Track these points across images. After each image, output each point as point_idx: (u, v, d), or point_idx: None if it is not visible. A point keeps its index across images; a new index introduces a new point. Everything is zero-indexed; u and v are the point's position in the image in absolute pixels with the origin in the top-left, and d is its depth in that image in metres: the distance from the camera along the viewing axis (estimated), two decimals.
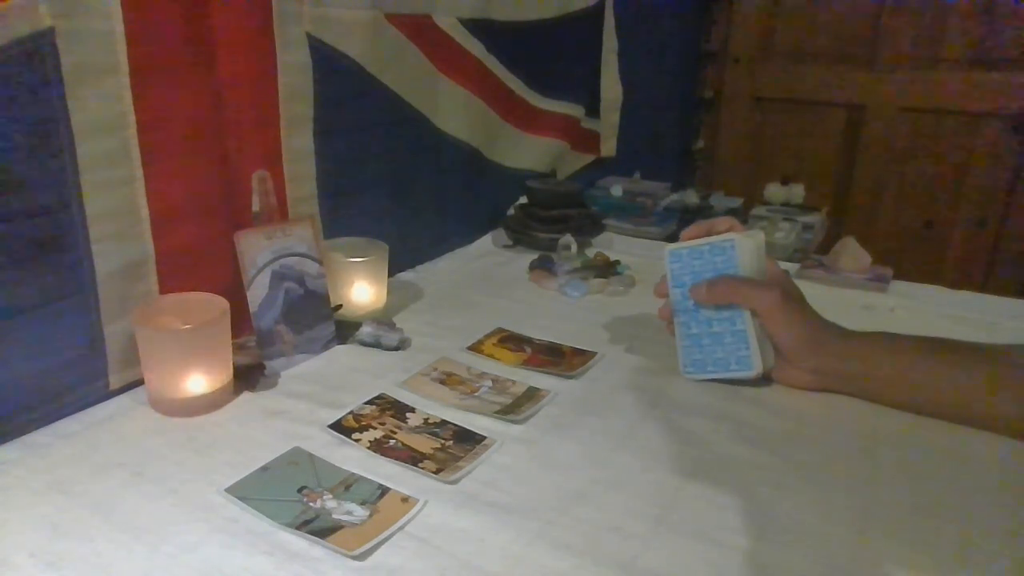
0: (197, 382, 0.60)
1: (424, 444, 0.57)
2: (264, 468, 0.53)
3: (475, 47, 1.00)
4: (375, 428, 0.58)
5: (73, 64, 0.54)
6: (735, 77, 2.07)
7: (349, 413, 0.61)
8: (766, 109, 2.06)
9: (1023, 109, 1.73)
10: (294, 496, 0.50)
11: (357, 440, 0.57)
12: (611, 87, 1.42)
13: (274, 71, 0.71)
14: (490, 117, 1.09)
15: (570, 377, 0.68)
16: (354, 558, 0.44)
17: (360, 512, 0.48)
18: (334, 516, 0.48)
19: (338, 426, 0.59)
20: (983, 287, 1.77)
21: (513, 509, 0.49)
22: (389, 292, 0.82)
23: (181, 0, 0.60)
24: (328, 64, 0.76)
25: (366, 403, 0.62)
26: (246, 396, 0.64)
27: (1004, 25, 1.72)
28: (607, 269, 0.96)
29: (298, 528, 0.46)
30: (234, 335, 0.63)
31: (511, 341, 0.75)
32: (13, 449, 0.54)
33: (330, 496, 0.50)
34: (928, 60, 1.81)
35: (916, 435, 0.59)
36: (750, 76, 2.05)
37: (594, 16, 1.33)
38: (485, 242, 1.12)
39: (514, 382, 0.67)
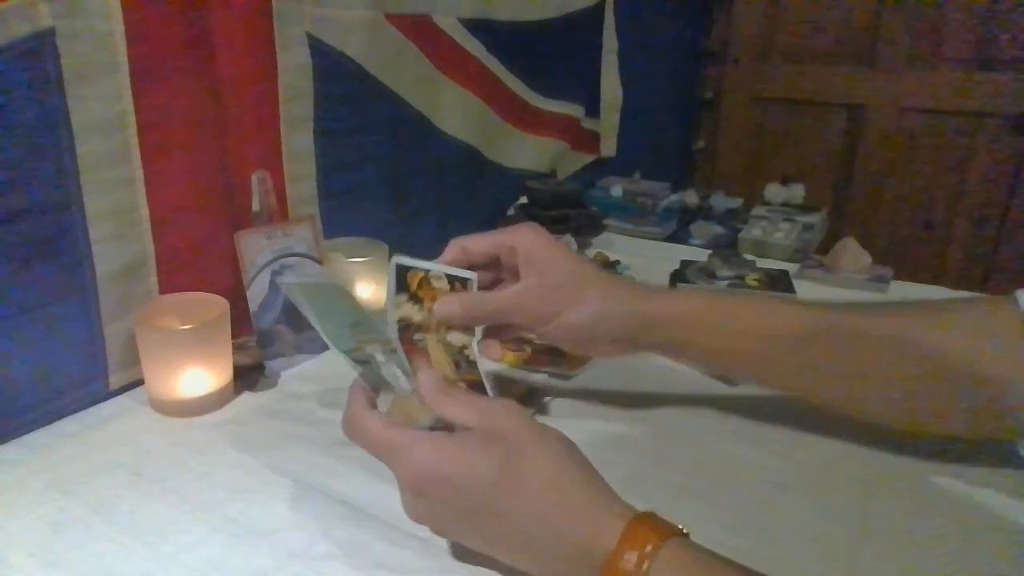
0: (197, 382, 0.60)
1: (442, 366, 0.50)
2: (323, 283, 0.49)
3: (475, 47, 1.00)
4: (423, 309, 0.51)
5: (73, 64, 0.54)
6: (735, 77, 2.07)
7: (425, 271, 0.52)
8: (766, 109, 2.06)
9: (1023, 109, 1.73)
10: (348, 328, 0.47)
11: (399, 305, 0.50)
12: (611, 87, 1.42)
13: (274, 71, 0.71)
14: (490, 117, 1.09)
15: (570, 377, 0.68)
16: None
17: (404, 383, 0.46)
18: (382, 372, 0.46)
19: (402, 275, 0.51)
20: (983, 287, 1.78)
21: None
22: None
23: (181, 0, 0.60)
24: (328, 64, 0.76)
25: (449, 275, 0.53)
26: (246, 396, 0.64)
27: (1004, 25, 1.71)
28: (607, 269, 0.96)
29: (354, 364, 0.44)
30: (234, 335, 0.63)
31: (511, 341, 0.75)
32: (13, 449, 0.54)
33: (379, 348, 0.47)
34: (928, 60, 1.81)
35: (918, 437, 0.59)
36: (750, 76, 2.05)
37: (594, 16, 1.33)
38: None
39: (514, 380, 0.66)
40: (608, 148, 1.47)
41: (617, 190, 1.33)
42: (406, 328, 0.50)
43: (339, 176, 0.82)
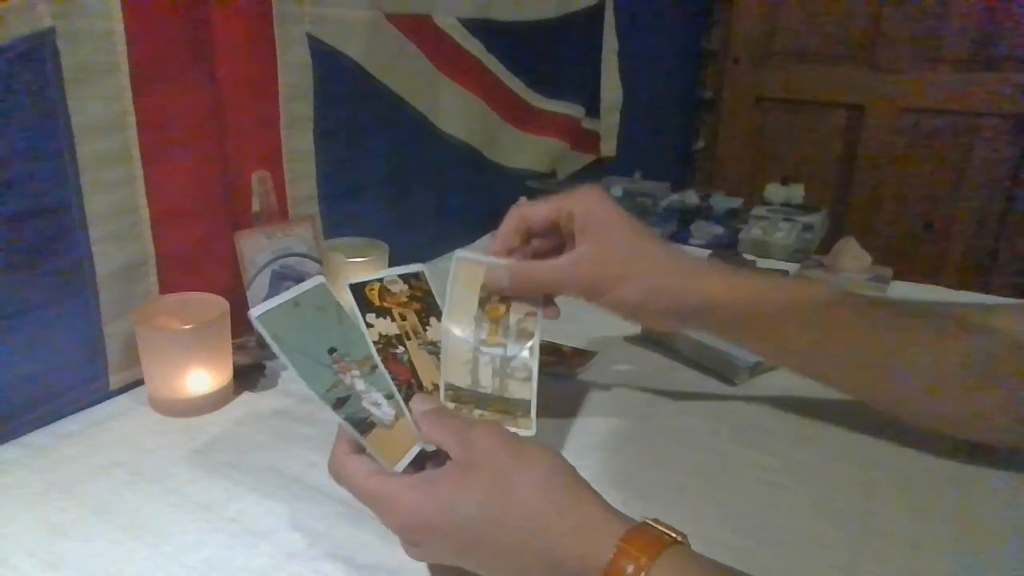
0: (197, 382, 0.60)
1: (430, 374, 0.49)
2: (295, 302, 0.46)
3: (475, 47, 1.00)
4: (393, 319, 0.50)
5: (73, 64, 0.54)
6: (735, 77, 2.07)
7: (379, 280, 0.51)
8: (766, 109, 2.06)
9: (1023, 109, 1.73)
10: (325, 358, 0.45)
11: (371, 326, 0.48)
12: (611, 87, 1.42)
13: (274, 71, 0.71)
14: (490, 117, 1.09)
15: (570, 377, 0.68)
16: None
17: (387, 409, 0.45)
18: (363, 403, 0.45)
19: (359, 292, 0.49)
20: (983, 287, 1.78)
21: None
22: None
23: (181, 0, 0.60)
24: (328, 64, 0.76)
25: (401, 275, 0.53)
26: (246, 396, 0.64)
27: (1004, 25, 1.71)
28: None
29: (334, 407, 0.43)
30: (234, 335, 0.63)
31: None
32: (13, 449, 0.54)
33: (358, 373, 0.46)
34: (928, 60, 1.81)
35: (918, 436, 0.59)
36: (750, 76, 2.05)
37: (594, 16, 1.33)
38: (485, 242, 1.12)
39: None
40: (608, 148, 1.47)
41: (617, 190, 1.33)
42: (386, 346, 0.48)
43: (339, 176, 0.82)
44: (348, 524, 0.47)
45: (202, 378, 0.60)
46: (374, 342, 0.48)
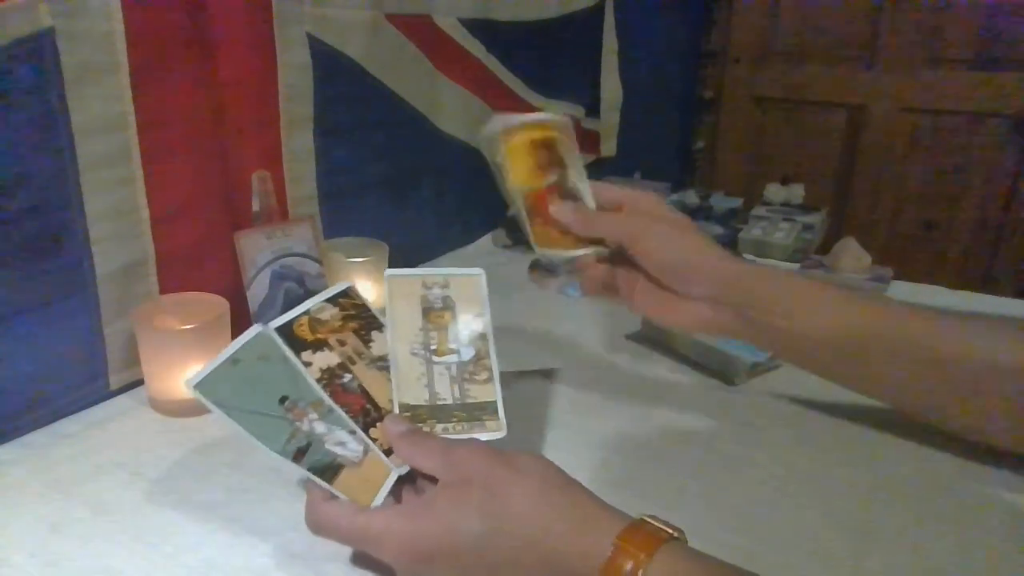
0: None
1: (385, 391, 0.48)
2: (233, 360, 0.44)
3: (475, 47, 1.00)
4: (331, 348, 0.48)
5: (73, 64, 0.54)
6: (735, 77, 2.07)
7: (305, 314, 0.49)
8: (766, 109, 2.06)
9: (1023, 109, 1.73)
10: (276, 410, 0.43)
11: (308, 364, 0.47)
12: (611, 87, 1.42)
13: (274, 71, 0.71)
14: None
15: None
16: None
17: (354, 446, 0.44)
18: (327, 446, 0.43)
19: (288, 332, 0.47)
20: (983, 287, 1.78)
21: None
22: None
23: (181, 0, 0.60)
24: (328, 64, 0.76)
25: (329, 299, 0.51)
26: None
27: (1004, 25, 1.71)
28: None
29: (295, 460, 0.42)
30: (234, 335, 0.63)
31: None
32: (13, 449, 0.54)
33: (316, 416, 0.44)
34: (928, 60, 1.81)
35: (919, 437, 0.59)
36: (750, 76, 2.05)
37: (594, 16, 1.33)
38: (485, 242, 1.12)
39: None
40: (608, 148, 1.47)
41: None
42: (331, 378, 0.47)
43: (339, 176, 0.82)
44: None
45: None
46: (318, 379, 0.46)
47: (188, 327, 0.60)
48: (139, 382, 0.63)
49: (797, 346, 0.54)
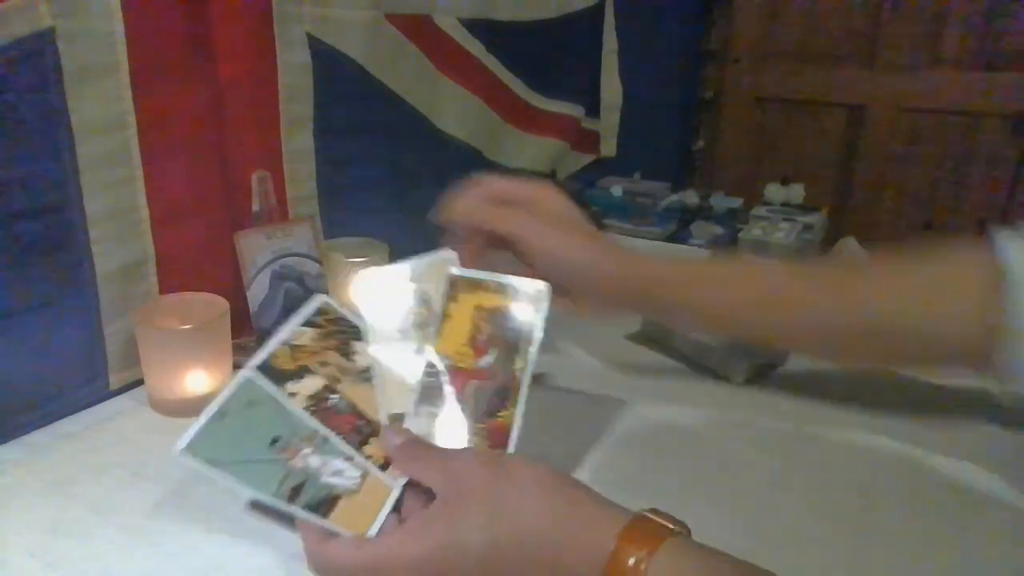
0: (197, 382, 0.60)
1: (370, 398, 0.47)
2: (220, 414, 0.44)
3: (475, 47, 1.00)
4: (314, 372, 0.47)
5: (73, 64, 0.54)
6: (735, 77, 2.07)
7: (285, 345, 0.48)
8: (766, 109, 2.06)
9: (1023, 109, 1.73)
10: (268, 453, 0.43)
11: (294, 395, 0.46)
12: (611, 87, 1.42)
13: (274, 71, 0.71)
14: (490, 117, 1.08)
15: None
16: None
17: (351, 472, 0.43)
18: (323, 479, 0.43)
19: (268, 368, 0.46)
20: None
21: None
22: None
23: (181, 0, 0.60)
24: (328, 64, 0.76)
25: (305, 323, 0.49)
26: None
27: (1004, 25, 1.71)
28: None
29: (289, 501, 0.41)
30: (234, 335, 0.63)
31: None
32: (13, 449, 0.54)
33: (310, 450, 0.44)
34: (928, 60, 1.81)
35: (919, 437, 0.59)
36: (750, 76, 2.05)
37: (594, 16, 1.33)
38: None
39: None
40: (608, 148, 1.47)
41: (617, 190, 1.33)
42: (319, 403, 0.46)
43: (339, 176, 0.82)
44: None
45: (202, 378, 0.60)
46: (305, 408, 0.46)
47: (188, 327, 0.60)
48: (139, 382, 0.63)
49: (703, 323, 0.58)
